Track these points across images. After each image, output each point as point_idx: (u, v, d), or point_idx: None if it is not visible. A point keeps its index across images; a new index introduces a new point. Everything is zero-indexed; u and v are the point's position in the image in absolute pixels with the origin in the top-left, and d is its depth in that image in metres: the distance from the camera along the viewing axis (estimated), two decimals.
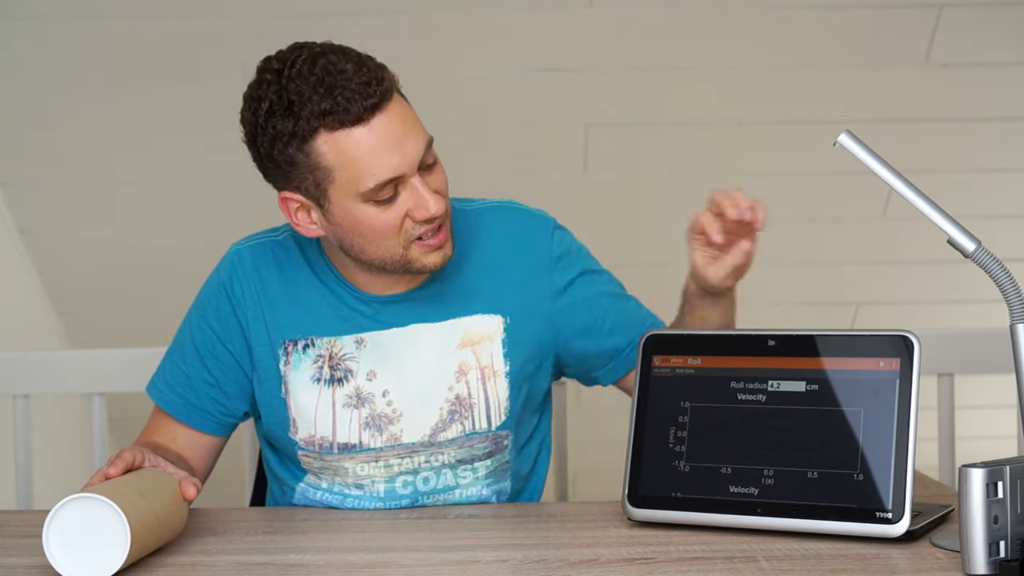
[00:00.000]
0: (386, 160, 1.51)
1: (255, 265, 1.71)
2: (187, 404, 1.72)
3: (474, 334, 1.68)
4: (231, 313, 1.70)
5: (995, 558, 1.20)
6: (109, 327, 3.57)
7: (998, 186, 3.39)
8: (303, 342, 1.68)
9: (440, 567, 1.33)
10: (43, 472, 2.89)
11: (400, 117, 1.53)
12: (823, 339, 1.46)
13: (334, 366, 1.67)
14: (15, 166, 3.27)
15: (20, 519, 1.70)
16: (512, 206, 1.76)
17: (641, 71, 3.11)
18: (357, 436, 1.67)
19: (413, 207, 1.55)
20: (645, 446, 1.50)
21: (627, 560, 1.33)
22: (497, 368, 1.69)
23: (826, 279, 3.63)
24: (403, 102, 1.57)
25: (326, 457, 1.69)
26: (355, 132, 1.50)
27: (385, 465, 1.69)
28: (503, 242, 1.72)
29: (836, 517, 1.38)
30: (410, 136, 1.53)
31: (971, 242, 1.35)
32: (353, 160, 1.51)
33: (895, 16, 3.00)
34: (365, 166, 1.51)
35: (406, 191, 1.54)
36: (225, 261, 1.74)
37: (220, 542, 1.47)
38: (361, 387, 1.67)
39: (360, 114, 1.50)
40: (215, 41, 3.02)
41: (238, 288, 1.70)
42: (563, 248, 1.74)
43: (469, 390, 1.68)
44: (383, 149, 1.51)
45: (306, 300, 1.69)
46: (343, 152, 1.51)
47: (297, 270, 1.70)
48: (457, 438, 1.68)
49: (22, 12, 2.94)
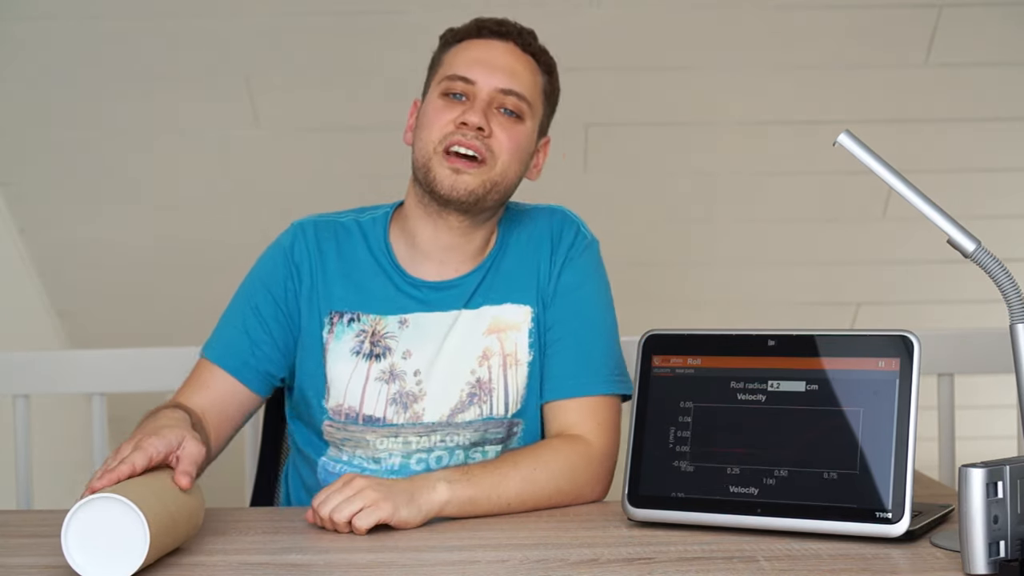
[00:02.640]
0: (473, 65, 1.72)
1: (317, 238, 1.79)
2: (238, 359, 1.75)
3: (502, 321, 1.74)
4: (288, 277, 1.77)
5: (995, 558, 1.20)
6: (109, 327, 3.58)
7: (998, 186, 3.39)
8: (349, 315, 1.75)
9: (440, 567, 1.33)
10: (43, 472, 2.89)
11: (514, 58, 1.74)
12: (823, 339, 1.46)
13: (375, 342, 1.73)
14: (15, 166, 3.28)
15: (20, 519, 1.70)
16: (553, 208, 1.84)
17: (641, 71, 3.12)
18: (382, 411, 1.72)
19: (462, 113, 1.69)
20: (645, 446, 1.50)
21: (627, 560, 1.33)
22: (520, 357, 1.74)
23: (826, 279, 3.63)
24: (533, 71, 1.75)
25: (350, 428, 1.73)
26: (474, 41, 1.76)
27: (404, 441, 1.73)
28: (536, 237, 1.80)
29: (836, 517, 1.38)
30: (505, 71, 1.72)
31: (971, 242, 1.35)
32: (456, 55, 1.75)
33: (895, 16, 3.00)
34: (459, 60, 1.74)
35: (471, 103, 1.70)
36: (287, 231, 1.82)
37: (220, 542, 1.47)
38: (395, 364, 1.73)
39: (486, 32, 1.75)
40: (215, 41, 3.02)
41: (296, 254, 1.78)
42: (579, 252, 1.79)
43: (490, 375, 1.73)
44: (479, 58, 1.73)
45: (359, 278, 1.76)
46: (456, 51, 1.76)
47: (355, 250, 1.78)
48: (474, 421, 1.73)
49: (22, 12, 2.94)
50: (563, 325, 1.75)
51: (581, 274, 1.77)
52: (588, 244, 1.80)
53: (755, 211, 3.43)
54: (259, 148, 3.25)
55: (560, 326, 1.75)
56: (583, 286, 1.77)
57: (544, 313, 1.76)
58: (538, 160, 1.80)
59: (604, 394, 1.72)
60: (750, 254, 3.55)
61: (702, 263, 3.58)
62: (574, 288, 1.76)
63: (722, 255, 3.56)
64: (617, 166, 3.33)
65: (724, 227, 3.49)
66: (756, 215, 3.45)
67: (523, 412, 1.75)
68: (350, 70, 3.11)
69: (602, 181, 3.33)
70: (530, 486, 1.60)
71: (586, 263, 1.79)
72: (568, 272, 1.77)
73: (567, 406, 1.72)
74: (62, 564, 1.38)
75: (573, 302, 1.76)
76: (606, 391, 1.73)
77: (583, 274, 1.78)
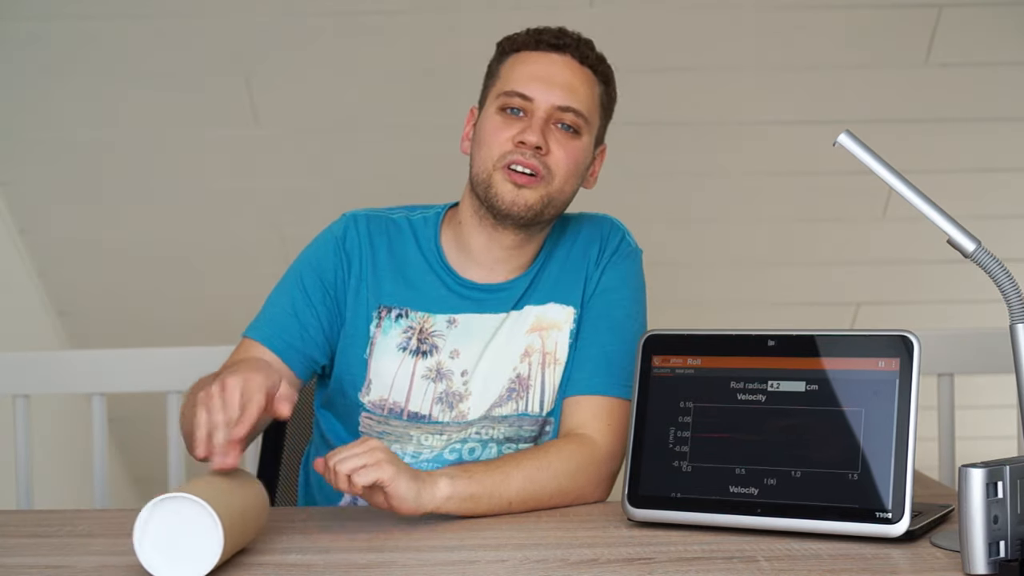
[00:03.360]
0: (531, 82, 1.72)
1: (369, 231, 1.80)
2: (284, 341, 1.74)
3: (545, 320, 1.76)
4: (339, 266, 1.78)
5: (995, 558, 1.20)
6: (109, 327, 3.58)
7: (998, 186, 3.39)
8: (397, 311, 1.76)
9: (440, 567, 1.33)
10: (43, 472, 2.89)
11: (572, 72, 1.73)
12: (823, 339, 1.46)
13: (422, 339, 1.74)
14: (15, 166, 3.28)
15: (20, 519, 1.70)
16: (604, 216, 1.87)
17: (641, 71, 3.11)
18: (428, 408, 1.73)
19: (521, 131, 1.70)
20: (645, 446, 1.50)
21: (627, 560, 1.33)
22: (559, 356, 1.76)
23: (826, 279, 3.63)
24: (591, 83, 1.75)
25: (392, 422, 1.74)
26: (533, 54, 1.75)
27: (447, 439, 1.75)
28: (584, 240, 1.82)
29: (836, 517, 1.38)
30: (564, 87, 1.72)
31: (971, 242, 1.35)
32: (513, 69, 1.75)
33: (895, 16, 3.00)
34: (517, 76, 1.73)
35: (529, 119, 1.70)
36: (340, 221, 1.82)
37: None
38: (443, 363, 1.74)
39: (544, 44, 1.75)
40: (215, 41, 3.02)
41: (350, 246, 1.79)
42: (621, 258, 1.81)
43: (530, 371, 1.75)
44: (537, 74, 1.72)
45: (409, 275, 1.77)
46: (514, 64, 1.75)
47: (406, 247, 1.79)
48: (509, 416, 1.75)
49: (22, 12, 2.94)
50: (592, 324, 1.77)
51: (619, 278, 1.79)
52: (631, 252, 1.82)
53: (755, 211, 3.44)
54: (259, 148, 3.25)
55: (589, 325, 1.77)
56: (618, 290, 1.79)
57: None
58: (594, 168, 1.83)
59: (621, 397, 1.72)
60: (750, 254, 3.56)
61: (702, 263, 3.58)
62: (610, 290, 1.78)
63: (722, 255, 3.56)
64: (617, 166, 3.33)
65: (724, 227, 3.50)
66: (757, 215, 3.45)
67: (556, 411, 1.77)
68: (350, 70, 3.11)
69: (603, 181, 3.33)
70: (532, 485, 1.60)
71: (626, 269, 1.81)
72: (608, 275, 1.79)
73: (583, 403, 1.73)
74: (62, 564, 1.38)
75: (606, 304, 1.78)
76: (623, 395, 1.73)
77: (620, 279, 1.80)
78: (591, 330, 1.77)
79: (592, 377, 1.74)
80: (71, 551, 1.45)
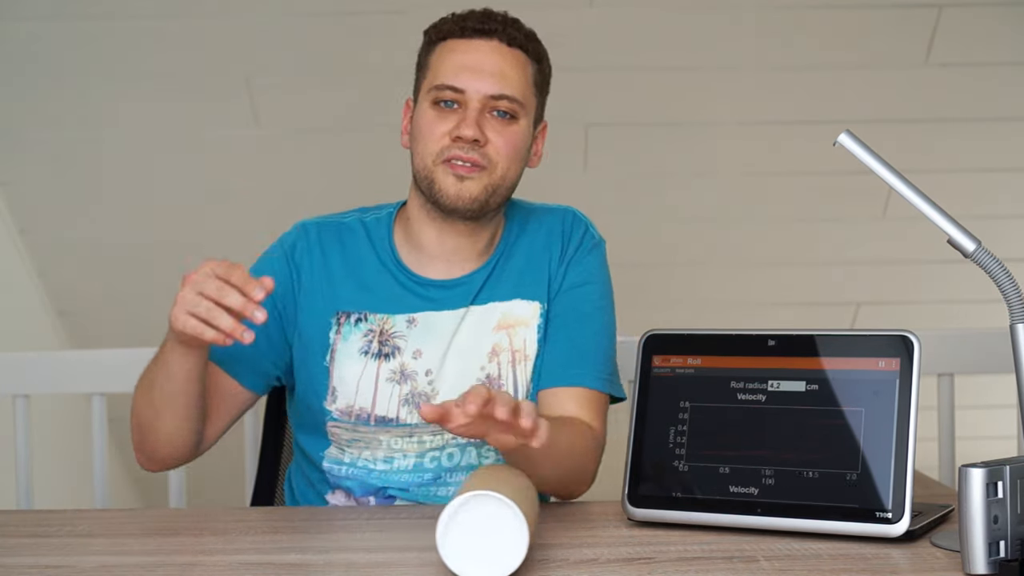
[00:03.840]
0: (461, 72, 1.68)
1: (320, 239, 1.78)
2: (228, 353, 1.73)
3: (511, 317, 1.75)
4: (288, 278, 1.76)
5: (995, 558, 1.20)
6: (109, 327, 3.58)
7: (998, 186, 3.39)
8: (356, 315, 1.74)
9: (440, 567, 1.33)
10: (43, 472, 2.89)
11: (501, 57, 1.69)
12: (823, 339, 1.46)
13: (383, 341, 1.73)
14: (15, 166, 3.28)
15: (20, 519, 1.69)
16: (565, 209, 1.84)
17: (641, 71, 3.12)
18: (395, 411, 1.72)
19: (456, 125, 1.67)
20: (645, 446, 1.50)
21: (627, 560, 1.33)
22: (529, 353, 1.74)
23: (826, 279, 3.63)
24: (522, 64, 1.71)
25: (360, 429, 1.72)
26: (460, 42, 1.71)
27: (419, 441, 1.73)
28: (546, 235, 1.80)
29: (836, 517, 1.38)
30: (494, 75, 1.68)
31: (971, 242, 1.35)
32: (442, 60, 1.71)
33: (895, 16, 3.00)
34: (446, 67, 1.69)
35: (463, 111, 1.68)
36: (290, 232, 1.81)
37: (220, 542, 1.47)
38: (406, 364, 1.72)
39: (470, 31, 1.70)
40: (215, 41, 3.02)
41: (298, 256, 1.77)
42: (586, 251, 1.79)
43: (500, 371, 1.73)
44: (466, 64, 1.69)
45: (365, 278, 1.76)
46: (442, 54, 1.71)
47: (360, 250, 1.78)
48: None
49: (22, 12, 2.94)
50: (561, 319, 1.75)
51: (585, 273, 1.78)
52: (595, 244, 1.81)
53: (755, 211, 3.44)
54: (259, 148, 3.25)
55: (558, 320, 1.75)
56: (585, 284, 1.78)
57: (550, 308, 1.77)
58: (537, 147, 1.79)
59: (598, 390, 1.72)
60: (750, 254, 3.55)
61: (702, 263, 3.58)
62: (577, 286, 1.77)
63: (722, 255, 3.56)
64: (617, 166, 3.33)
65: (724, 227, 3.50)
66: (756, 215, 3.45)
67: None
68: (350, 70, 3.11)
69: (602, 181, 3.33)
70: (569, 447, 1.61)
71: (591, 263, 1.79)
72: (573, 271, 1.77)
73: (563, 394, 1.71)
74: (62, 564, 1.38)
75: (574, 298, 1.76)
76: (600, 387, 1.73)
77: (587, 273, 1.78)
78: (560, 325, 1.75)
79: (568, 368, 1.72)
80: (71, 551, 1.45)
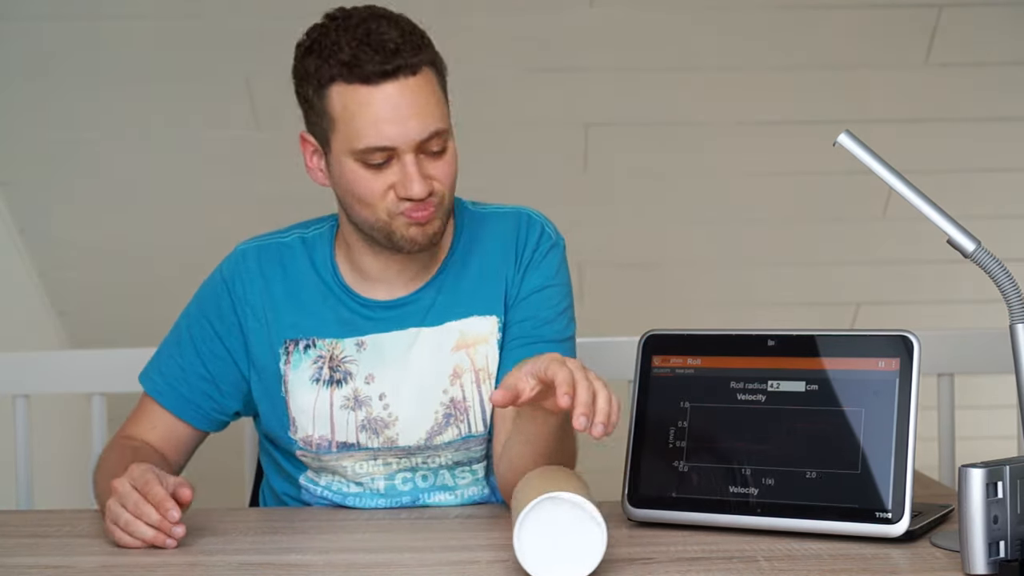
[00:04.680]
0: (383, 128, 1.54)
1: (260, 265, 1.72)
2: (179, 396, 1.73)
3: (469, 336, 1.68)
4: (231, 310, 1.71)
5: (995, 558, 1.20)
6: (109, 327, 3.57)
7: (998, 186, 3.39)
8: (304, 342, 1.69)
9: (440, 567, 1.33)
10: (43, 472, 2.89)
11: (414, 94, 1.55)
12: (823, 339, 1.46)
13: (334, 367, 1.68)
14: (15, 166, 3.28)
15: (20, 519, 1.70)
16: (518, 211, 1.75)
17: (641, 71, 3.11)
18: (355, 436, 1.68)
19: (398, 182, 1.56)
20: (645, 446, 1.50)
21: (627, 560, 1.33)
22: (492, 371, 1.68)
23: (826, 279, 3.63)
24: (430, 83, 1.58)
25: (323, 457, 1.69)
26: (363, 91, 1.54)
27: (384, 463, 1.69)
28: (500, 245, 1.72)
29: (836, 517, 1.38)
30: (416, 116, 1.55)
31: (971, 242, 1.36)
32: (354, 117, 1.54)
33: (895, 16, 3.00)
34: (363, 126, 1.54)
35: (397, 164, 1.56)
36: (229, 259, 1.75)
37: (220, 542, 1.47)
38: (359, 390, 1.67)
39: (373, 76, 1.53)
40: (215, 41, 3.02)
41: (239, 286, 1.72)
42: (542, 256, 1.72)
43: (464, 393, 1.68)
44: (384, 117, 1.54)
45: (309, 302, 1.70)
46: (347, 107, 1.55)
47: (302, 272, 1.71)
48: (453, 441, 1.68)
49: (22, 12, 2.94)
50: (519, 326, 1.69)
51: (542, 278, 1.71)
52: (552, 245, 1.73)
53: (755, 211, 3.43)
54: (259, 148, 3.24)
55: (516, 327, 1.69)
56: (543, 289, 1.70)
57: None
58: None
59: None
60: (750, 254, 3.55)
61: (702, 263, 3.58)
62: (534, 292, 1.70)
63: (722, 255, 3.56)
64: (617, 166, 3.33)
65: (724, 227, 3.49)
66: (756, 215, 3.44)
67: None
68: None
69: (602, 181, 3.33)
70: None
71: (547, 266, 1.71)
72: (530, 278, 1.70)
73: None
74: (62, 564, 1.38)
75: (532, 306, 1.69)
76: None
77: (544, 278, 1.71)
78: (518, 332, 1.68)
79: None
80: (71, 551, 1.46)
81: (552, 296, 1.71)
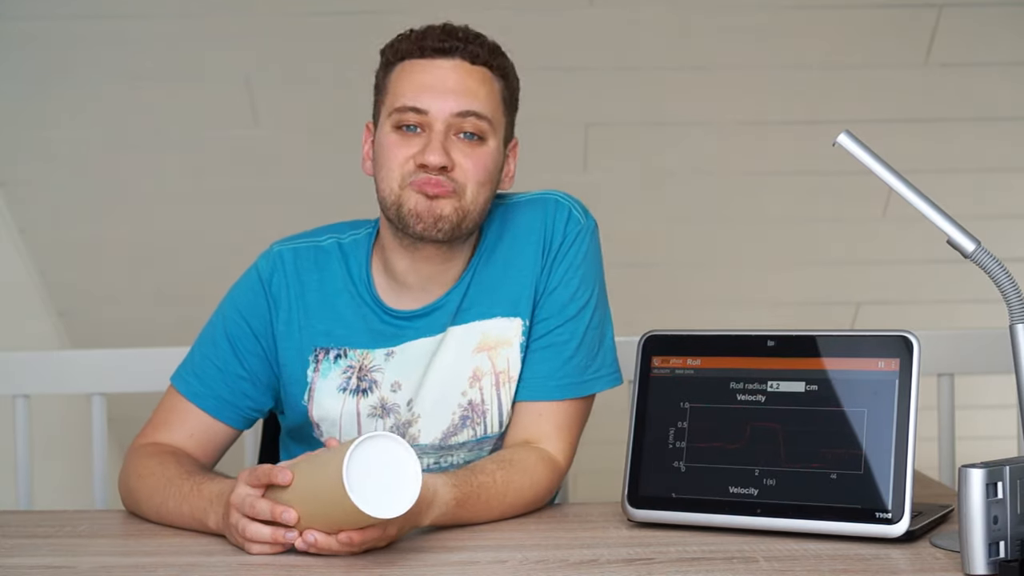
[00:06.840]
0: (423, 92, 1.60)
1: (297, 269, 1.71)
2: (217, 398, 1.71)
3: (491, 338, 1.67)
4: (266, 309, 1.71)
5: (995, 558, 1.20)
6: (109, 327, 3.58)
7: (998, 186, 3.39)
8: (335, 351, 1.68)
9: (440, 567, 1.33)
10: (43, 472, 2.89)
11: (465, 76, 1.62)
12: (823, 339, 1.46)
13: (361, 376, 1.68)
14: (15, 166, 3.28)
15: (20, 519, 1.69)
16: (545, 198, 1.72)
17: (641, 71, 3.11)
18: None
19: (420, 150, 1.60)
20: (645, 447, 1.50)
21: (627, 560, 1.33)
22: (513, 374, 1.67)
23: (826, 279, 3.63)
24: (488, 82, 1.63)
25: None
26: (420, 62, 1.63)
27: None
28: (526, 235, 1.70)
29: (836, 517, 1.38)
30: (457, 92, 1.60)
31: (971, 242, 1.35)
32: (401, 80, 1.63)
33: (895, 16, 3.00)
34: (406, 88, 1.62)
35: (427, 134, 1.60)
36: (267, 259, 1.74)
37: (220, 542, 1.47)
38: (385, 398, 1.67)
39: (431, 50, 1.62)
40: (215, 41, 3.02)
41: (276, 288, 1.71)
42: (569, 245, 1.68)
43: (482, 396, 1.67)
44: (427, 84, 1.61)
45: (342, 311, 1.69)
46: (400, 76, 1.63)
47: (337, 280, 1.71)
48: (468, 442, 1.68)
49: (21, 12, 2.94)
50: (545, 324, 1.67)
51: (569, 269, 1.68)
52: (579, 232, 1.69)
53: (755, 211, 3.44)
54: (259, 148, 3.25)
55: (542, 324, 1.67)
56: (570, 282, 1.68)
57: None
58: (509, 168, 1.70)
59: (576, 398, 1.66)
60: (750, 254, 3.55)
61: (702, 263, 3.58)
62: (561, 285, 1.68)
63: (722, 255, 3.56)
64: (617, 166, 3.33)
65: (724, 227, 3.50)
66: (756, 215, 3.45)
67: None
68: (350, 70, 3.11)
69: (602, 181, 3.33)
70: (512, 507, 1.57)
71: (574, 255, 1.68)
72: (557, 271, 1.68)
73: (535, 410, 1.66)
74: (62, 564, 1.38)
75: (557, 299, 1.67)
76: (578, 393, 1.66)
77: (571, 269, 1.68)
78: (545, 329, 1.67)
79: (548, 380, 1.66)
80: (71, 551, 1.46)
81: (578, 289, 1.67)
